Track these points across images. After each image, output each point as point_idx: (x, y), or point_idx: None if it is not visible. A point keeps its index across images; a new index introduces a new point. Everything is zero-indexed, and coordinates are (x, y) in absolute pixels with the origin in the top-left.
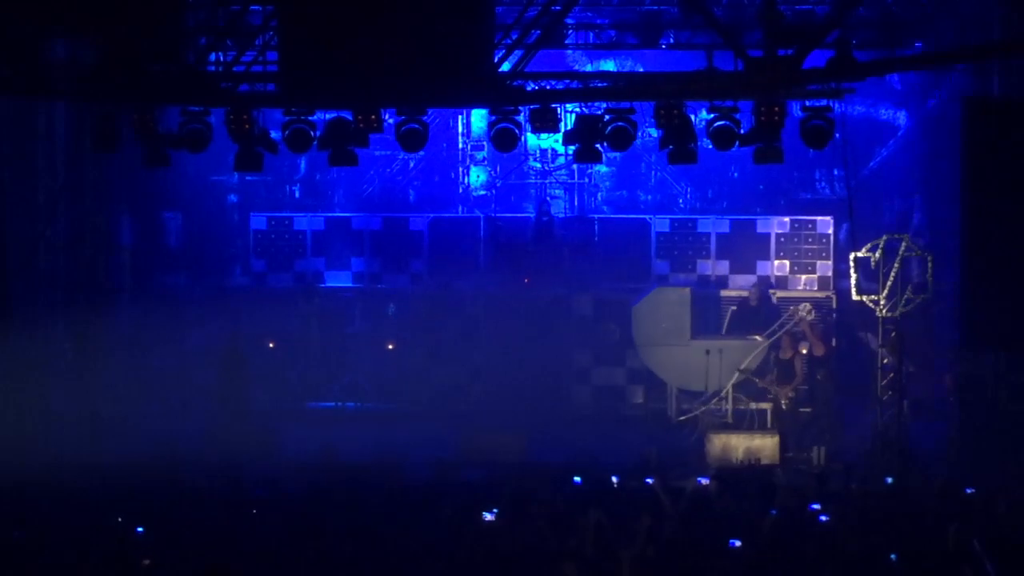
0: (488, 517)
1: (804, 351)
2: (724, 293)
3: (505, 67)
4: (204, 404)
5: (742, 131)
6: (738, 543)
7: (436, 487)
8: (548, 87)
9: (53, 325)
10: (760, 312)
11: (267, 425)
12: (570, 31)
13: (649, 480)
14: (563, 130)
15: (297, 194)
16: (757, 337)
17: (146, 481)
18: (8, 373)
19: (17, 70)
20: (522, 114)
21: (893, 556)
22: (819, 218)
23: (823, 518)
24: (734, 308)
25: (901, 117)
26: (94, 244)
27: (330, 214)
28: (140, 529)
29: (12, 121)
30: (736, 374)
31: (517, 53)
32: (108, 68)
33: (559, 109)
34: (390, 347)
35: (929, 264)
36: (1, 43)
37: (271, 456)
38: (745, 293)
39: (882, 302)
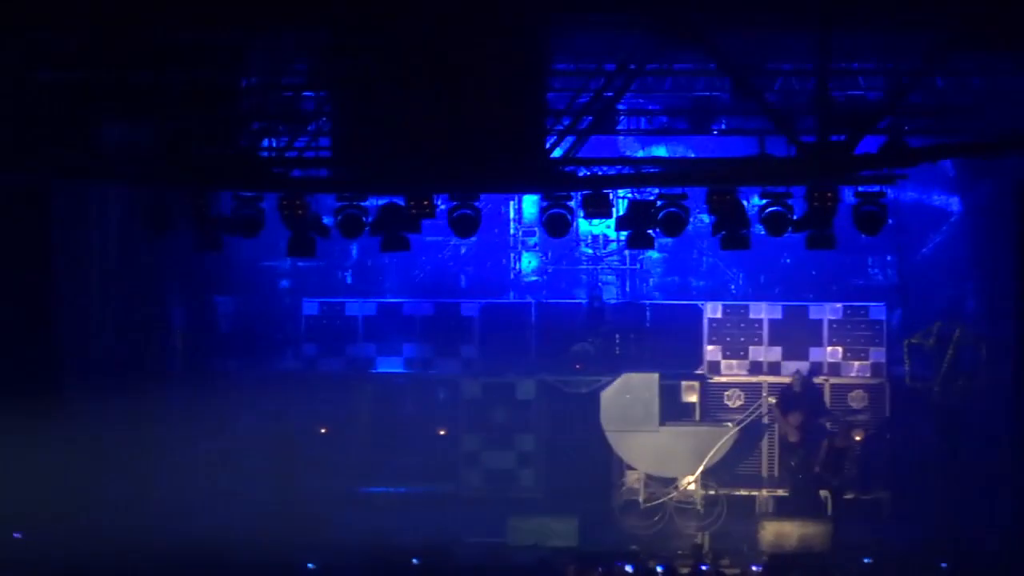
0: None
1: (858, 438)
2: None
3: (557, 153)
4: (255, 489)
5: (795, 216)
6: None
7: (486, 571)
8: (600, 173)
9: (105, 409)
10: (804, 397)
11: (318, 510)
12: (621, 117)
13: (703, 567)
14: (615, 216)
15: (349, 279)
16: (729, 424)
17: (197, 565)
18: (61, 457)
19: (71, 153)
20: (574, 200)
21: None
22: (872, 304)
23: None
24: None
25: (954, 203)
26: (146, 327)
27: (382, 299)
28: None
29: (65, 204)
30: (704, 461)
31: (569, 139)
32: (162, 152)
33: (611, 195)
34: (441, 432)
35: (983, 351)
36: (56, 126)
37: (322, 541)
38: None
39: (936, 389)
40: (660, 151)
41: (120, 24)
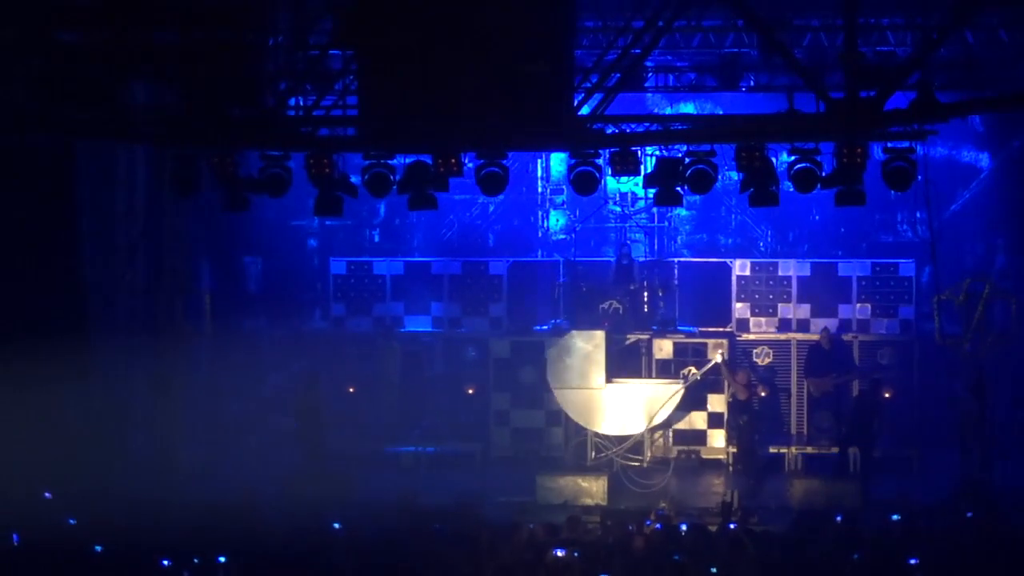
0: (559, 553)
1: (887, 396)
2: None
3: (585, 110)
4: (282, 449)
5: (823, 173)
6: None
7: (514, 529)
8: (628, 130)
9: (132, 369)
10: (832, 355)
11: (345, 469)
12: (649, 74)
13: (732, 525)
14: (643, 173)
15: (376, 238)
16: (678, 381)
17: (223, 526)
18: (87, 417)
19: (98, 114)
20: (602, 157)
21: None
22: (901, 261)
23: (913, 561)
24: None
25: (984, 159)
26: (173, 288)
27: (409, 258)
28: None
29: (92, 165)
30: (652, 418)
31: (597, 96)
32: (188, 112)
33: (639, 152)
34: (470, 391)
35: (1014, 307)
36: (83, 86)
37: (349, 501)
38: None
39: (966, 346)
40: (688, 108)
41: None
